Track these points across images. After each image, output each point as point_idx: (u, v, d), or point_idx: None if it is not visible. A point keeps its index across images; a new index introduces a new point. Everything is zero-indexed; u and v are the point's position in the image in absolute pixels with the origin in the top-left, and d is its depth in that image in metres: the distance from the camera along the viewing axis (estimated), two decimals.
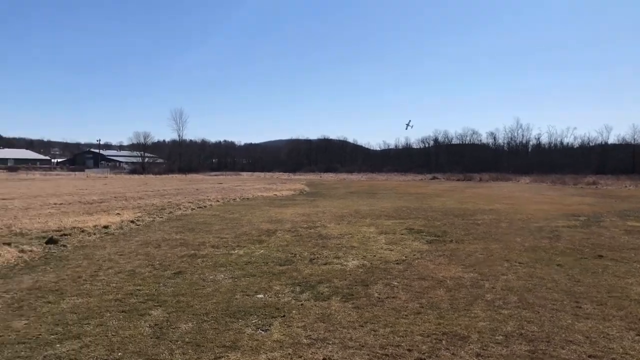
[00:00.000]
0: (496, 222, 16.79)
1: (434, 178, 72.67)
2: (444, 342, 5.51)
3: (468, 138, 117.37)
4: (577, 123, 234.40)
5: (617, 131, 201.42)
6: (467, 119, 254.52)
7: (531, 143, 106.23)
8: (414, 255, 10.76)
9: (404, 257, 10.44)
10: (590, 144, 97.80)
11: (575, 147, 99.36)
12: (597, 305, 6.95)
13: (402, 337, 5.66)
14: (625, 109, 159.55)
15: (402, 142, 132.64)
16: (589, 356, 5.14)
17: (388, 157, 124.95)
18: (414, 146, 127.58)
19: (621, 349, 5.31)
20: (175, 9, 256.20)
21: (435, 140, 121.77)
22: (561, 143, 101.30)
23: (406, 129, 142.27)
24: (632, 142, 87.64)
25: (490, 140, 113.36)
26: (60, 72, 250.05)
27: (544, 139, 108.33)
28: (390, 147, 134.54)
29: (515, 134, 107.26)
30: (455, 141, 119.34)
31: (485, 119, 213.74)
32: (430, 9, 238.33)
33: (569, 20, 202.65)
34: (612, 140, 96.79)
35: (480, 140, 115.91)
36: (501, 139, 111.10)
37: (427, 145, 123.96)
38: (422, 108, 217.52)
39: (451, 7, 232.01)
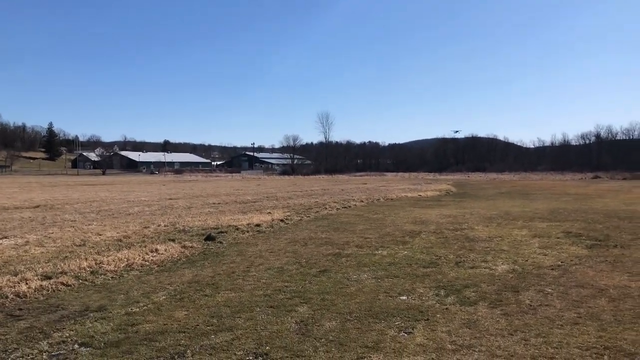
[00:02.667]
0: None
1: (595, 177, 66.77)
2: (605, 357, 4.98)
3: (636, 133, 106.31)
4: None
5: None
6: (634, 112, 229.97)
7: None
8: (572, 260, 9.91)
9: (559, 263, 9.67)
10: None
11: None
12: None
13: (557, 348, 5.22)
14: None
15: (558, 138, 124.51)
16: None
17: (543, 155, 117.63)
18: (573, 143, 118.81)
19: None
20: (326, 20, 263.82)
21: (597, 135, 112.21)
22: None
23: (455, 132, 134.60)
24: None
25: None
26: (217, 81, 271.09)
27: None
28: (545, 144, 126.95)
29: None
30: (620, 137, 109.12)
31: None
32: None
33: None
34: None
35: None
36: None
37: (587, 142, 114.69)
38: (581, 100, 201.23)
39: None
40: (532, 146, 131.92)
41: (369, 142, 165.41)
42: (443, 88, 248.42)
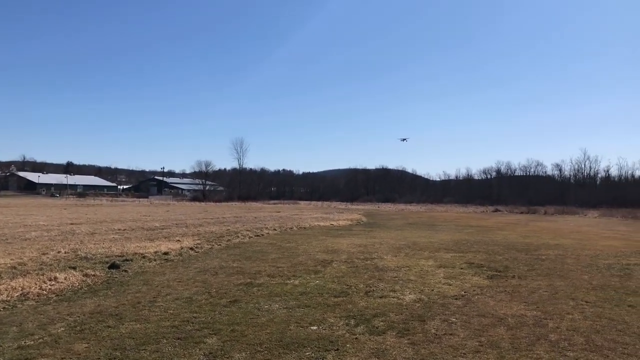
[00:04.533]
0: (562, 258, 16.04)
1: (496, 210, 70.71)
2: None
3: (532, 170, 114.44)
4: None
5: None
6: (530, 150, 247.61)
7: (600, 175, 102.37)
8: (474, 290, 10.40)
9: (463, 293, 10.12)
10: None
11: None
12: None
13: None
14: None
15: (462, 172, 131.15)
16: None
17: (448, 188, 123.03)
18: (476, 177, 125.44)
19: None
20: (232, 39, 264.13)
21: (498, 171, 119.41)
22: (632, 176, 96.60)
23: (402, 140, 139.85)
24: None
25: (556, 172, 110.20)
26: (125, 101, 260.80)
27: (614, 172, 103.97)
28: (450, 177, 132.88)
29: (583, 166, 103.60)
30: (518, 173, 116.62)
31: (550, 150, 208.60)
32: (481, 33, 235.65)
33: None
34: None
35: (545, 172, 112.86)
36: (567, 171, 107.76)
37: (489, 177, 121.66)
38: (483, 138, 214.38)
39: (504, 30, 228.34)
40: (438, 179, 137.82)
41: (284, 170, 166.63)
42: (354, 121, 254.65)
